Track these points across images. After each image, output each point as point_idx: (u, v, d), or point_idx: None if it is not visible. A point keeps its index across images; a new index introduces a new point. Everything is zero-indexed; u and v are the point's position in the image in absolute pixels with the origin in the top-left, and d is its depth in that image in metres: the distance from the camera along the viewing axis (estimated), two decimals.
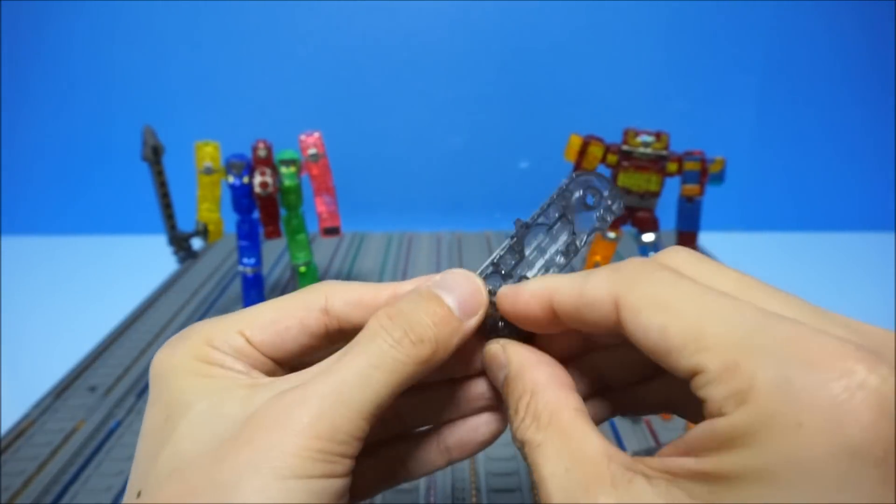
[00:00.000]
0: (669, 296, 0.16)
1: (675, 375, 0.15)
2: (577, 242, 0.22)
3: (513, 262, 0.21)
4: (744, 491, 0.13)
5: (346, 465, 0.17)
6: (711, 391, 0.14)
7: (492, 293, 0.21)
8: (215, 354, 0.19)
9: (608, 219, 0.21)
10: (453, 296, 0.20)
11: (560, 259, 0.22)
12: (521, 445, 0.18)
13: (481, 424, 0.23)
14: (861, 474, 0.12)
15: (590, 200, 0.21)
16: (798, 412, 0.12)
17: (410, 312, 0.19)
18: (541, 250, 0.22)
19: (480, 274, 0.21)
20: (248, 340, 0.20)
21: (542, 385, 0.18)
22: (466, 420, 0.23)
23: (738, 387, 0.13)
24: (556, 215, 0.22)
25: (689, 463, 0.14)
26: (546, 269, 0.22)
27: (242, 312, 0.21)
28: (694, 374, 0.15)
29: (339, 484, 0.17)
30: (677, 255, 0.18)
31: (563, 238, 0.22)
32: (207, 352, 0.19)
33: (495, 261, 0.21)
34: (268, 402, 0.17)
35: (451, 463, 0.23)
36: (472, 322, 0.20)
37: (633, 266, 0.17)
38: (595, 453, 0.16)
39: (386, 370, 0.18)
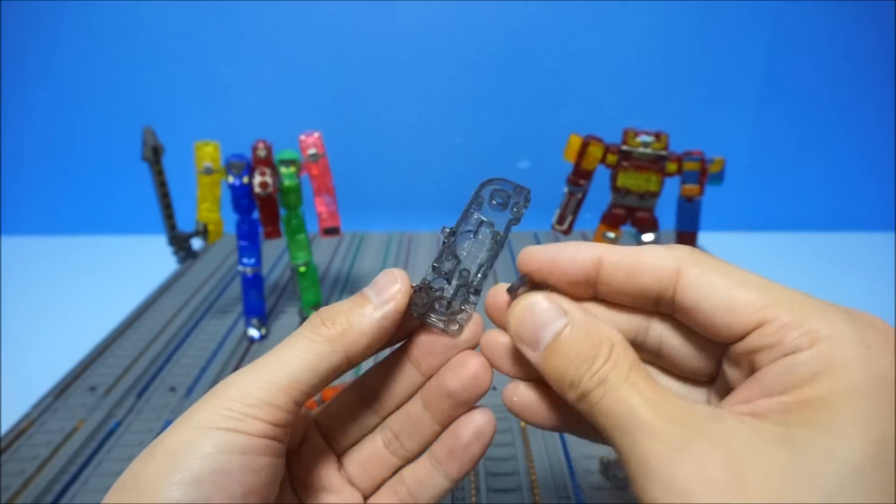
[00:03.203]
0: (730, 268, 0.19)
1: (722, 335, 0.18)
2: (501, 236, 0.24)
3: (451, 266, 0.24)
4: (840, 406, 0.15)
5: (254, 425, 0.19)
6: (785, 334, 0.17)
7: (436, 290, 0.24)
8: None
9: (521, 211, 0.24)
10: (374, 289, 0.23)
11: (490, 255, 0.24)
12: (598, 384, 0.18)
13: (461, 427, 0.23)
14: None
15: (499, 201, 0.25)
16: (864, 338, 0.16)
17: (334, 305, 0.23)
18: (473, 255, 0.24)
19: (427, 277, 0.24)
20: None
21: (618, 339, 0.19)
22: (449, 428, 0.24)
23: (811, 328, 0.16)
24: (477, 221, 0.25)
25: (782, 398, 0.16)
26: (480, 265, 0.24)
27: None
28: (760, 324, 0.17)
29: (245, 440, 0.19)
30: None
31: (489, 239, 0.24)
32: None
33: (434, 264, 0.24)
34: None
35: (451, 479, 0.24)
36: (389, 307, 0.22)
37: (688, 247, 0.20)
38: (679, 399, 0.18)
39: (299, 348, 0.21)
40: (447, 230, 0.24)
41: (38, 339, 0.62)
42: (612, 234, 0.57)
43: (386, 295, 0.22)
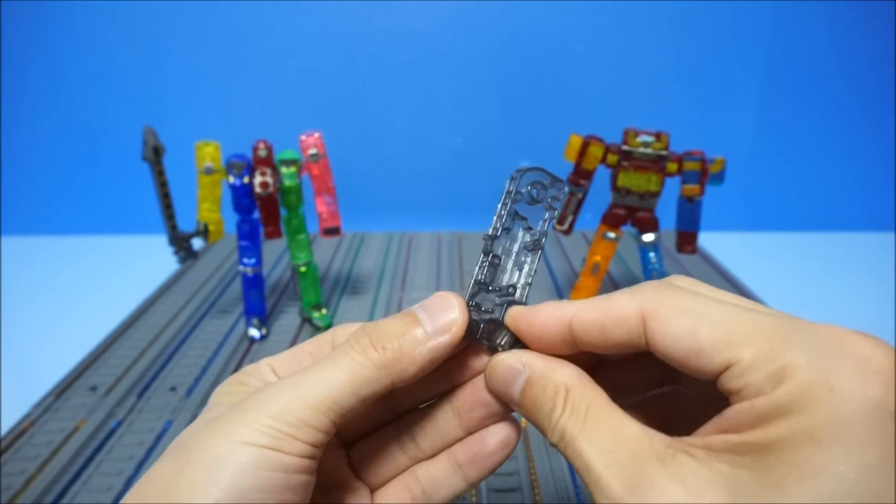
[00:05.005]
0: (693, 305, 0.18)
1: (700, 377, 0.17)
2: (539, 234, 0.23)
3: (495, 277, 0.23)
4: (787, 454, 0.15)
5: (293, 445, 0.19)
6: (749, 377, 0.16)
7: (488, 311, 0.22)
8: (246, 378, 0.23)
9: (556, 206, 0.23)
10: (427, 313, 0.21)
11: (528, 257, 0.23)
12: (559, 439, 0.19)
13: (488, 435, 0.23)
14: (883, 427, 0.14)
15: (535, 194, 0.23)
16: (829, 380, 0.15)
17: (383, 325, 0.21)
18: (507, 252, 0.23)
19: (470, 295, 0.23)
20: (274, 371, 0.24)
21: (574, 382, 0.20)
22: (474, 434, 0.23)
23: (774, 369, 0.15)
24: (513, 221, 0.23)
25: (732, 438, 0.16)
26: (519, 268, 0.23)
27: (274, 355, 0.25)
28: (727, 367, 0.16)
29: (285, 458, 0.19)
30: (683, 279, 0.20)
31: (521, 234, 0.23)
32: (242, 377, 0.23)
33: (480, 280, 0.23)
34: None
35: (469, 483, 0.23)
36: (444, 339, 0.21)
37: (653, 286, 0.19)
38: (636, 435, 0.18)
39: (345, 370, 0.20)
40: (488, 236, 0.23)
41: (39, 339, 0.62)
42: (612, 234, 0.57)
43: (441, 324, 0.21)
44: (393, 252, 0.80)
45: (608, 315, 0.19)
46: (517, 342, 0.22)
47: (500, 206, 0.23)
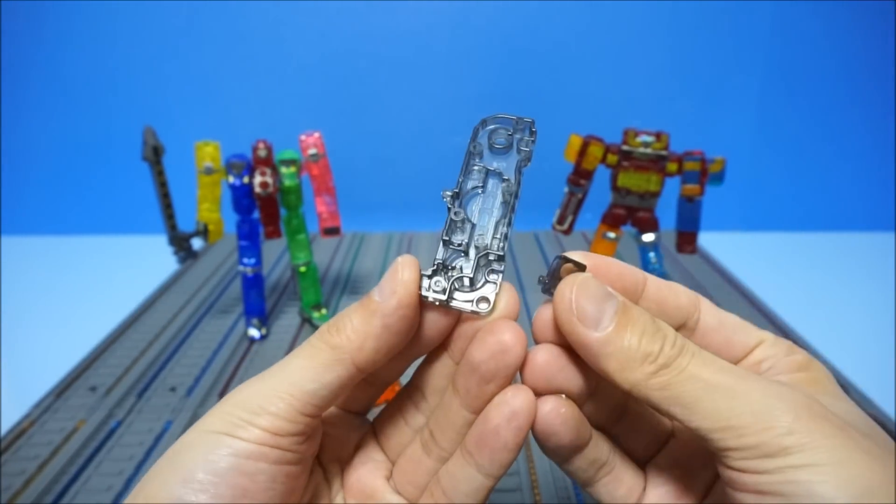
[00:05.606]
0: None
1: (740, 348, 0.22)
2: (513, 184, 0.22)
3: (464, 235, 0.21)
4: (827, 385, 0.21)
5: (247, 430, 0.19)
6: (775, 349, 0.22)
7: (452, 268, 0.21)
8: None
9: (528, 148, 0.22)
10: (378, 287, 0.21)
11: (506, 209, 0.22)
12: (679, 352, 0.19)
13: (490, 408, 0.21)
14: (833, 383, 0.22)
15: (501, 142, 0.22)
16: (812, 359, 0.22)
17: (344, 311, 0.22)
18: (488, 211, 0.22)
19: (439, 256, 0.21)
20: None
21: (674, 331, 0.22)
22: (481, 413, 0.22)
23: (787, 345, 0.22)
24: (482, 173, 0.22)
25: (793, 376, 0.21)
26: (497, 224, 0.22)
27: None
28: (762, 341, 0.22)
29: (237, 443, 0.19)
30: None
31: (499, 189, 0.22)
32: None
33: (444, 238, 0.21)
34: None
35: (485, 473, 0.21)
36: (391, 301, 0.20)
37: None
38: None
39: (304, 356, 0.21)
40: (449, 193, 0.21)
41: (38, 339, 0.62)
42: (612, 235, 0.57)
43: (386, 290, 0.20)
44: (393, 252, 0.80)
45: (673, 286, 0.23)
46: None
47: (463, 163, 0.22)
